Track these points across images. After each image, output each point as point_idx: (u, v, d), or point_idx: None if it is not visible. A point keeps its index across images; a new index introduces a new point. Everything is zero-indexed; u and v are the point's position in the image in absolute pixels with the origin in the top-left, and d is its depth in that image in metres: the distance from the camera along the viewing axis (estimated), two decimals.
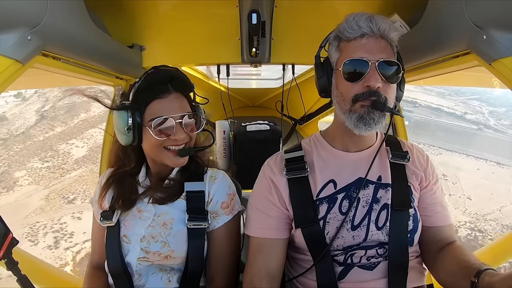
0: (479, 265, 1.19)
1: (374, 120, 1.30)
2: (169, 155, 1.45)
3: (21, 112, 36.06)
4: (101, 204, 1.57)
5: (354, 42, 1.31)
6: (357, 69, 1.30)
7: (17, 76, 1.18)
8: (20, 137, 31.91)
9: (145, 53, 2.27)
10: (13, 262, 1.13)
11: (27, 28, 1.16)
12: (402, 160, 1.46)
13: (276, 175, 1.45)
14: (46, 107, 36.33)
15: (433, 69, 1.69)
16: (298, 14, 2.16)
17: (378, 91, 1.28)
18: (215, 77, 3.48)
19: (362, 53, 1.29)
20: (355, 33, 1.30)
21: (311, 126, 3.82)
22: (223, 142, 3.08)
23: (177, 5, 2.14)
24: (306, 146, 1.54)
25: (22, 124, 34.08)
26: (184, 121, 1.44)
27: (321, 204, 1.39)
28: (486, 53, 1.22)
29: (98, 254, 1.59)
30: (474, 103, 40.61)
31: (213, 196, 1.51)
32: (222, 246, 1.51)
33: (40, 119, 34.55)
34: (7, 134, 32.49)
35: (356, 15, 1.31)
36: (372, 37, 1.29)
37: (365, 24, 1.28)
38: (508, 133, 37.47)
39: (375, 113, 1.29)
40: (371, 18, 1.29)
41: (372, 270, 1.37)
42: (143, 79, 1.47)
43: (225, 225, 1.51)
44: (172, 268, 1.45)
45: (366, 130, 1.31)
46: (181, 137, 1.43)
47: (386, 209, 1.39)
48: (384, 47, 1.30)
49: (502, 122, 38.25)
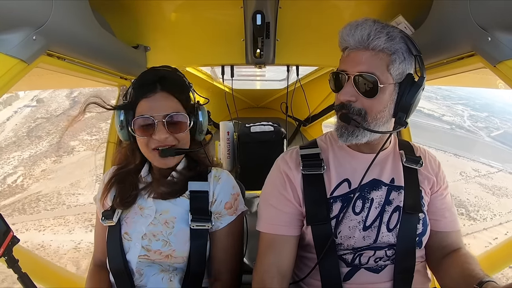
0: (482, 276, 1.20)
1: (347, 133, 1.32)
2: (156, 155, 1.44)
3: (52, 97, 40.45)
4: (103, 202, 1.57)
5: (343, 53, 1.35)
6: (336, 81, 1.34)
7: (21, 75, 1.19)
8: (61, 117, 36.65)
9: (149, 54, 2.27)
10: (14, 260, 1.13)
11: (32, 28, 1.17)
12: (415, 164, 1.46)
13: (292, 170, 1.45)
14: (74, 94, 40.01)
15: (437, 70, 1.69)
16: (302, 15, 2.16)
17: (348, 104, 1.30)
18: (219, 78, 3.49)
19: (344, 65, 1.32)
20: (342, 45, 1.34)
21: (315, 128, 3.81)
22: (227, 143, 3.08)
23: (182, 6, 2.14)
24: (322, 144, 1.53)
25: (58, 107, 39.14)
26: (168, 120, 1.40)
27: (334, 203, 1.38)
28: (491, 55, 1.21)
29: (101, 252, 1.59)
30: (457, 107, 44.75)
31: (217, 196, 1.50)
32: (225, 246, 1.50)
33: (74, 103, 38.58)
34: (48, 114, 37.86)
35: (346, 26, 1.31)
36: (353, 49, 1.29)
37: (346, 37, 1.29)
38: (478, 133, 43.13)
39: (347, 126, 1.31)
40: (354, 29, 1.26)
41: (379, 273, 1.36)
42: (137, 78, 1.50)
43: (228, 225, 1.50)
44: (174, 268, 1.45)
45: (343, 140, 1.34)
46: (162, 137, 1.40)
47: (398, 211, 1.39)
48: (364, 59, 1.26)
49: (478, 125, 43.40)
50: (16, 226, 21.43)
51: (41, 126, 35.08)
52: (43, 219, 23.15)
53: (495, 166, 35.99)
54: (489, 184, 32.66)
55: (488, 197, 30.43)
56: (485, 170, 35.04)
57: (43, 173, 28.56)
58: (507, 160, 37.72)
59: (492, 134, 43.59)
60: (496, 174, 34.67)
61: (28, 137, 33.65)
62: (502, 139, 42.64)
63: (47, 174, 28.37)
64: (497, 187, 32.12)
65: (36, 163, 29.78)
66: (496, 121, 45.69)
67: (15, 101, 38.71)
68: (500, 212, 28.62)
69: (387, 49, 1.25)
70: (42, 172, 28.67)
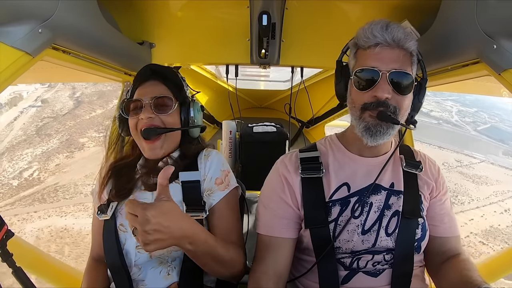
0: (480, 283, 1.19)
1: (381, 132, 1.30)
2: (144, 146, 1.50)
3: (55, 97, 43.30)
4: (100, 196, 1.58)
5: (368, 51, 1.32)
6: (367, 78, 1.30)
7: (26, 68, 1.19)
8: (67, 116, 39.24)
9: (154, 51, 2.27)
10: (8, 254, 1.13)
11: (38, 21, 1.18)
12: (415, 169, 1.46)
13: (291, 173, 1.45)
14: (77, 94, 43.14)
15: (442, 77, 1.68)
16: (308, 17, 2.15)
17: (386, 101, 1.28)
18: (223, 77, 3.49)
19: (374, 62, 1.29)
20: (370, 42, 1.30)
21: (317, 130, 3.81)
22: (229, 142, 3.08)
23: (188, 4, 2.14)
24: (321, 147, 1.53)
25: (63, 107, 41.68)
26: (154, 102, 1.49)
27: (333, 206, 1.38)
28: (496, 63, 1.21)
29: (98, 247, 1.59)
30: (447, 103, 48.17)
31: (207, 173, 1.51)
32: (222, 220, 1.48)
33: (78, 103, 41.79)
34: (54, 113, 40.32)
35: (372, 23, 1.30)
36: (386, 47, 1.28)
37: (379, 33, 1.27)
38: (465, 127, 48.24)
39: (382, 124, 1.30)
40: (386, 26, 1.28)
41: (377, 277, 1.36)
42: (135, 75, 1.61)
43: (221, 200, 1.48)
44: (173, 259, 1.44)
45: (372, 141, 1.32)
46: (146, 116, 1.47)
47: (396, 216, 1.38)
48: (398, 57, 1.28)
49: (465, 119, 48.48)
50: (38, 213, 24.04)
51: (49, 125, 37.41)
52: (63, 206, 24.90)
53: (477, 157, 40.43)
54: (470, 173, 36.75)
55: (467, 184, 34.40)
56: (467, 161, 39.41)
57: (57, 167, 30.64)
58: (490, 151, 42.50)
59: (479, 128, 48.55)
60: (478, 165, 39.15)
61: (38, 135, 36.05)
62: (488, 132, 47.78)
63: (62, 168, 30.44)
64: (477, 176, 36.26)
65: (50, 158, 32.03)
66: (484, 116, 50.55)
67: (20, 101, 41.90)
68: (478, 197, 32.65)
69: (414, 51, 1.32)
70: (56, 166, 30.79)
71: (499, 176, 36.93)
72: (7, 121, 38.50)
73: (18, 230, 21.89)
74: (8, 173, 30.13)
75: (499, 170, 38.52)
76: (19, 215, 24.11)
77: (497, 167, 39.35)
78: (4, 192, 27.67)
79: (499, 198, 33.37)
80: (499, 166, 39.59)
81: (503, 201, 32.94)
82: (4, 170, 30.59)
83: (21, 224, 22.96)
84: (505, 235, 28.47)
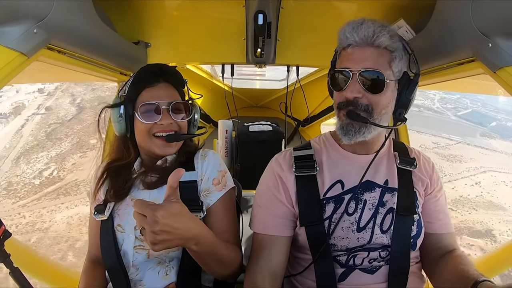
0: (477, 276, 1.19)
1: (353, 131, 1.32)
2: (158, 143, 1.48)
3: (57, 105, 45.69)
4: (96, 197, 1.57)
5: (343, 52, 1.36)
6: (339, 78, 1.34)
7: (21, 69, 1.18)
8: (73, 121, 41.36)
9: (150, 50, 2.27)
10: (5, 254, 1.12)
11: (33, 21, 1.17)
12: (409, 166, 1.46)
13: (285, 171, 1.45)
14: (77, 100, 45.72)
15: (437, 75, 1.69)
16: (304, 16, 2.15)
17: (355, 100, 1.29)
18: (219, 76, 3.48)
19: (347, 63, 1.31)
20: (343, 43, 1.34)
21: (313, 128, 3.82)
22: (225, 142, 3.08)
23: (184, 3, 2.14)
24: (315, 145, 1.53)
25: (67, 113, 44.05)
26: (172, 108, 1.48)
27: (327, 204, 1.39)
28: (491, 61, 1.21)
29: (95, 248, 1.59)
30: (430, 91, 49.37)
31: (205, 173, 1.51)
32: (219, 220, 1.48)
33: (80, 109, 44.26)
34: (59, 119, 42.66)
35: (347, 24, 1.32)
36: (356, 47, 1.30)
37: (349, 34, 1.29)
38: (445, 113, 52.03)
39: (353, 123, 1.31)
40: (357, 26, 1.29)
41: (373, 274, 1.36)
42: (136, 73, 1.55)
43: (218, 200, 1.49)
44: (171, 259, 1.44)
45: (347, 139, 1.34)
46: (167, 122, 1.46)
47: (391, 213, 1.39)
48: (370, 56, 1.29)
49: (446, 106, 51.81)
50: (65, 204, 26.84)
51: (58, 130, 40.03)
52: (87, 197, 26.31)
53: (454, 139, 44.12)
54: (445, 153, 40.46)
55: (442, 162, 37.68)
56: (444, 142, 43.04)
57: (74, 165, 33.01)
58: (468, 134, 46.29)
59: (459, 113, 52.24)
60: (454, 146, 42.90)
61: (49, 140, 38.71)
62: (468, 117, 51.52)
63: (78, 166, 32.66)
64: (452, 155, 40.10)
65: (65, 159, 34.44)
66: (466, 101, 53.81)
67: (23, 110, 45.16)
68: (450, 173, 36.56)
69: (389, 47, 1.30)
70: (72, 165, 33.14)
71: (474, 155, 41.01)
72: (15, 129, 41.16)
73: (49, 219, 24.82)
74: (28, 174, 32.61)
75: (474, 149, 42.79)
76: (47, 207, 26.79)
77: (472, 147, 43.45)
78: (28, 190, 30.29)
79: (471, 173, 37.61)
80: (475, 146, 43.70)
81: (475, 175, 37.21)
82: (23, 172, 33.07)
83: (50, 215, 25.51)
84: (473, 203, 32.49)
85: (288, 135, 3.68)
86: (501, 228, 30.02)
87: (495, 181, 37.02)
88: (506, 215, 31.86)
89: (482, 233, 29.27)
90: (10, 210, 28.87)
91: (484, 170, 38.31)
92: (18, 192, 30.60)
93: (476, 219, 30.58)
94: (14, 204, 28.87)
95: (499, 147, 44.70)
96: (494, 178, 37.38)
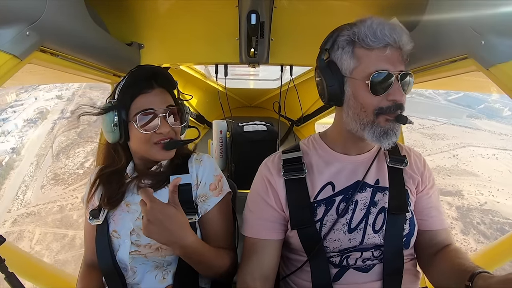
0: (474, 268, 1.18)
1: (396, 134, 1.29)
2: (158, 149, 1.46)
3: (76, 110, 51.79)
4: (91, 202, 1.57)
5: (377, 52, 1.25)
6: (383, 81, 1.24)
7: (14, 71, 1.17)
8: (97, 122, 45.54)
9: (143, 51, 2.26)
10: (0, 259, 1.12)
11: (25, 23, 1.16)
12: (400, 164, 1.46)
13: (274, 175, 1.45)
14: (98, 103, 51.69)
15: (430, 73, 1.70)
16: (297, 15, 2.16)
17: (402, 104, 1.27)
18: (213, 77, 3.48)
19: (386, 64, 1.24)
20: (379, 42, 1.24)
21: (308, 128, 3.82)
22: (220, 142, 3.08)
23: (177, 3, 2.13)
24: (304, 147, 1.53)
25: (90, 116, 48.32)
26: (169, 114, 1.46)
27: (318, 207, 1.38)
28: (484, 58, 1.22)
29: (91, 252, 1.58)
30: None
31: (201, 179, 1.51)
32: (216, 226, 1.50)
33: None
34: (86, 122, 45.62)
35: (378, 22, 1.25)
36: (394, 48, 1.25)
37: (389, 34, 1.23)
38: (436, 98, 56.13)
39: (397, 127, 1.29)
40: (394, 28, 1.25)
41: (367, 272, 1.37)
42: (128, 77, 1.50)
43: (215, 206, 1.49)
44: (168, 263, 1.44)
45: (389, 144, 1.29)
46: (166, 131, 1.45)
47: (383, 212, 1.38)
48: (402, 59, 1.27)
49: (439, 91, 53.07)
50: None
51: (87, 130, 44.73)
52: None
53: (440, 121, 48.62)
54: (429, 133, 45.10)
55: (425, 140, 42.74)
56: (430, 124, 47.47)
57: None
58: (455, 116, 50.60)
59: (449, 98, 56.21)
60: (440, 126, 47.61)
61: (80, 138, 44.71)
62: (459, 101, 55.31)
63: None
64: (436, 134, 44.86)
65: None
66: None
67: (47, 114, 52.69)
68: (431, 149, 41.25)
69: (408, 51, 1.30)
70: None
71: (457, 134, 46.13)
72: (46, 131, 48.40)
73: None
74: (70, 166, 40.01)
75: (458, 129, 47.87)
76: None
77: (457, 127, 48.50)
78: (75, 178, 37.69)
79: (450, 148, 42.55)
80: (459, 126, 48.50)
81: (454, 150, 42.26)
82: (65, 165, 40.44)
83: None
84: (448, 171, 37.57)
85: (283, 135, 3.69)
86: (470, 189, 35.39)
87: (473, 154, 42.12)
88: (477, 180, 37.15)
89: (452, 192, 33.59)
90: (63, 193, 35.90)
91: (463, 145, 43.34)
92: (66, 180, 37.76)
93: (448, 183, 34.79)
94: (65, 189, 36.24)
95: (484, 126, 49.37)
96: (472, 152, 42.48)
